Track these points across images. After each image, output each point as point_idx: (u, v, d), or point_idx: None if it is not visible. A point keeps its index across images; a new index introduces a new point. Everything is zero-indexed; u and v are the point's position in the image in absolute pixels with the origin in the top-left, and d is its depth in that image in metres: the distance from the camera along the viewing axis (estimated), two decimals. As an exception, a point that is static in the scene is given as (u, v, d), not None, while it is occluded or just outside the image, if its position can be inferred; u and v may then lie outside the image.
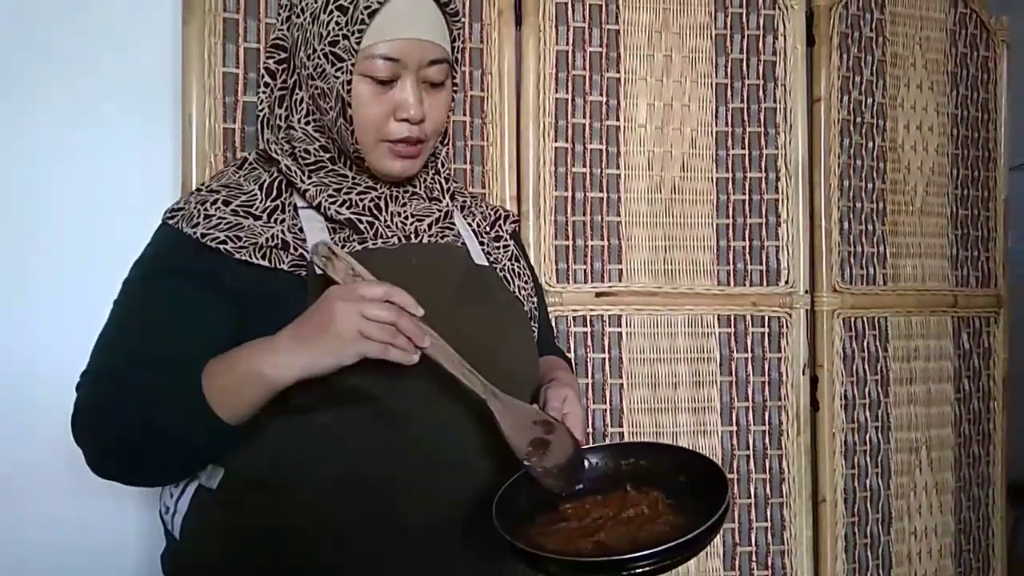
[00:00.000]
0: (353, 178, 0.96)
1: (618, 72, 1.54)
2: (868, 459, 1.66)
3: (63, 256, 1.36)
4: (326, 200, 0.92)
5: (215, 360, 0.84)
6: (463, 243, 1.02)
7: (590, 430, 1.49)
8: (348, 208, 0.93)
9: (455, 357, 0.85)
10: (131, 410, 0.84)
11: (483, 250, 1.05)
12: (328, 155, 0.96)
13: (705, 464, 0.89)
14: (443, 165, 1.04)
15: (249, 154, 1.00)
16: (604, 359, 1.53)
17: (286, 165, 0.94)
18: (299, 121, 0.95)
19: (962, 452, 1.78)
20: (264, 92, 0.98)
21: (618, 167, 1.54)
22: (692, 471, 0.89)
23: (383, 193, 0.96)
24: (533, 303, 1.08)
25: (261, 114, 0.98)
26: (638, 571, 0.73)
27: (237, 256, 0.88)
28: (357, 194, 0.94)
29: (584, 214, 1.52)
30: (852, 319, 1.65)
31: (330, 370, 0.80)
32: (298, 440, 0.87)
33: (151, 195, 1.32)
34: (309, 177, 0.94)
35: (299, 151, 0.95)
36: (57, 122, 1.36)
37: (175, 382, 0.84)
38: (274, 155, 0.95)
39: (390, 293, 0.80)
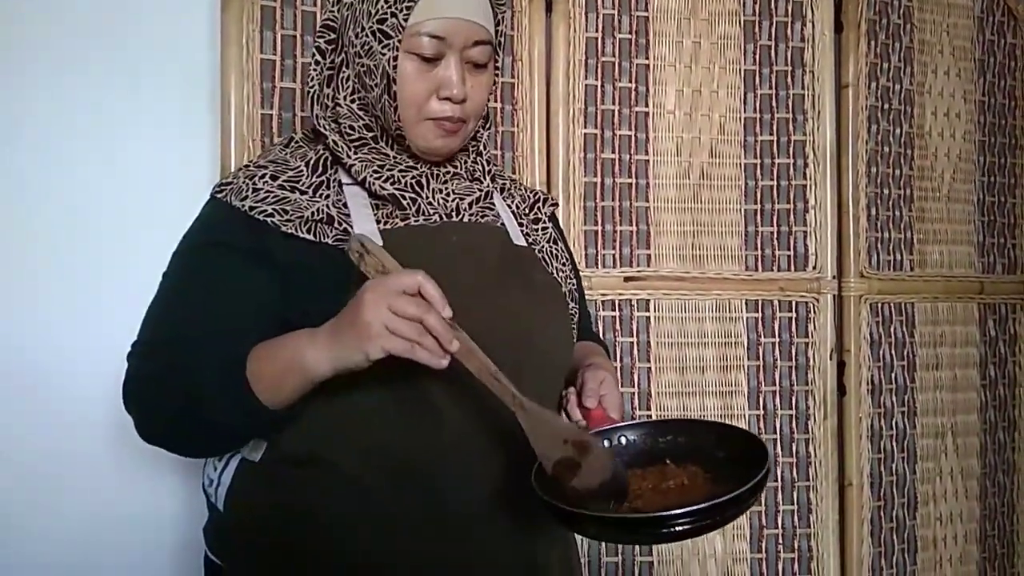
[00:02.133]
0: (395, 157, 0.97)
1: (647, 59, 1.56)
2: (894, 444, 1.67)
3: (102, 238, 1.39)
4: (371, 175, 0.94)
5: (262, 344, 0.85)
6: (502, 223, 1.04)
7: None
8: (392, 184, 0.95)
9: (485, 362, 0.81)
10: (176, 384, 0.86)
11: (522, 231, 1.07)
12: (371, 134, 0.97)
13: (743, 437, 0.88)
14: (485, 147, 1.06)
15: (295, 133, 1.03)
16: (632, 343, 1.54)
17: (333, 141, 0.96)
18: (345, 99, 0.97)
19: (987, 438, 1.78)
20: (315, 70, 1.00)
21: (647, 153, 1.56)
22: (730, 445, 0.88)
23: (423, 172, 0.98)
24: (572, 285, 1.09)
25: (312, 91, 1.00)
26: (676, 529, 0.73)
27: (284, 229, 0.90)
28: (400, 171, 0.96)
29: (613, 199, 1.54)
30: (879, 305, 1.66)
31: (360, 365, 0.80)
32: (338, 418, 0.88)
33: (189, 180, 1.35)
34: (355, 153, 0.96)
35: (344, 127, 0.96)
36: (97, 106, 1.39)
37: (221, 359, 0.85)
38: (322, 131, 0.97)
39: (422, 285, 0.79)
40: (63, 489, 1.35)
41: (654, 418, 1.51)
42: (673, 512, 0.73)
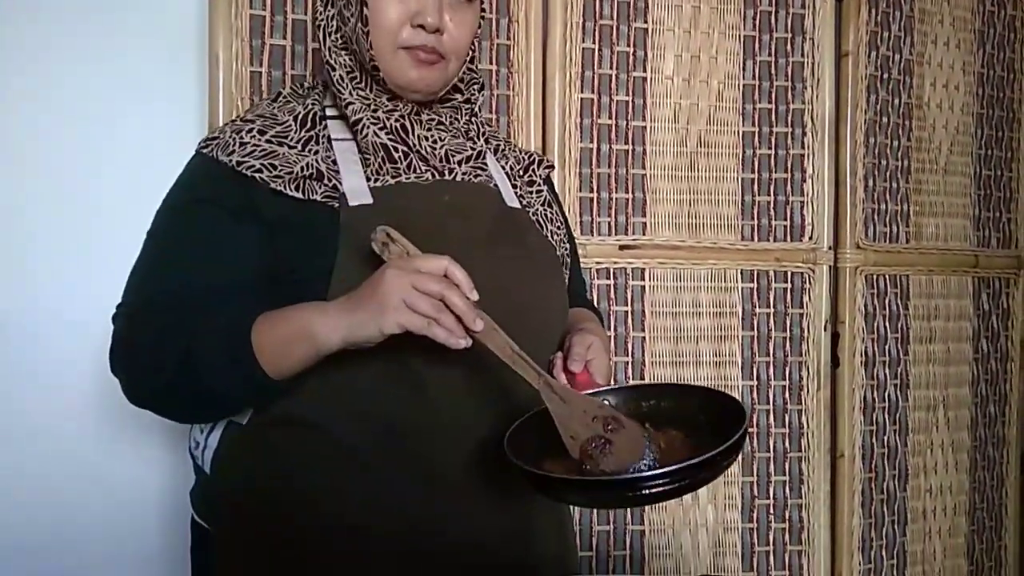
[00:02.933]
0: (375, 99, 0.95)
1: (646, 22, 1.53)
2: (886, 416, 1.67)
3: (89, 197, 1.36)
4: (368, 116, 0.92)
5: (267, 315, 0.83)
6: (495, 184, 1.02)
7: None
8: (377, 127, 0.92)
9: (507, 341, 0.80)
10: (172, 348, 0.83)
11: (516, 193, 1.04)
12: (352, 74, 0.94)
13: (724, 400, 0.85)
14: (480, 110, 1.03)
15: (283, 89, 1.00)
16: (626, 312, 1.53)
17: (339, 76, 0.93)
18: (328, 36, 0.94)
19: (978, 412, 1.78)
20: (321, 5, 0.97)
21: (644, 119, 1.53)
22: (712, 410, 0.85)
23: (405, 112, 0.95)
24: (565, 249, 1.08)
25: (320, 25, 0.96)
26: (648, 492, 0.71)
27: (271, 186, 0.87)
28: (384, 112, 0.93)
29: (609, 166, 1.52)
30: (874, 276, 1.65)
31: (372, 339, 0.78)
32: (326, 383, 0.87)
33: (178, 139, 1.31)
34: (351, 93, 0.93)
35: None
36: (84, 65, 1.36)
37: (222, 325, 0.83)
38: (327, 63, 0.94)
39: (448, 268, 0.77)
40: (48, 454, 1.32)
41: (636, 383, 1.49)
42: (644, 474, 0.72)
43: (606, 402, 0.88)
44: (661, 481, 0.71)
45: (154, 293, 0.88)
